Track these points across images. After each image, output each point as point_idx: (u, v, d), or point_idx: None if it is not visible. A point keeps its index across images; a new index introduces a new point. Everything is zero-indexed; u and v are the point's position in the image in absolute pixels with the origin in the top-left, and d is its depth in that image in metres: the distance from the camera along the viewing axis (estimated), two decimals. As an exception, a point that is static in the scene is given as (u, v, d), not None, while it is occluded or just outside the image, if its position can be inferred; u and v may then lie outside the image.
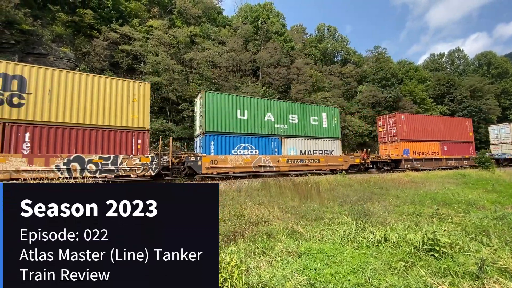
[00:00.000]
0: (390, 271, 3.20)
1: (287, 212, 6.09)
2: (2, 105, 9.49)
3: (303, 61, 37.89)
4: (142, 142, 11.96)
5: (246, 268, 3.24)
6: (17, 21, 20.43)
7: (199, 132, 14.84)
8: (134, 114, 11.91)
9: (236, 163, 14.17)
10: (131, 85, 12.02)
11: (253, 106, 15.45)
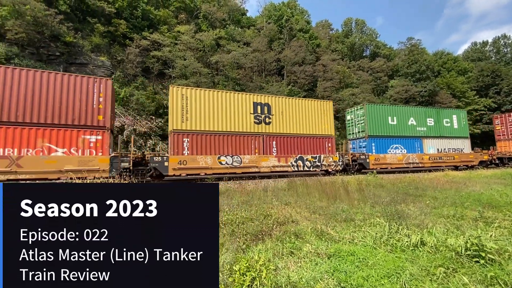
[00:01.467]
0: (428, 277, 3.01)
1: (315, 212, 5.98)
2: (261, 124, 15.07)
3: (330, 58, 36.91)
4: (331, 145, 16.43)
5: (275, 267, 3.25)
6: (61, 34, 22.47)
7: (361, 136, 18.58)
8: (326, 125, 16.61)
9: (392, 161, 17.83)
10: (319, 104, 16.78)
11: (399, 113, 19.13)
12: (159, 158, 12.53)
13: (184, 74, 26.19)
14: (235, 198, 7.85)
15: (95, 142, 11.34)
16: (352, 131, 19.85)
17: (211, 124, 13.81)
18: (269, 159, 14.67)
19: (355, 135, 19.33)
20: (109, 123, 11.71)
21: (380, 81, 40.99)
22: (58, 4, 23.13)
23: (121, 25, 26.14)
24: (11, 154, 9.93)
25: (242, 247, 3.91)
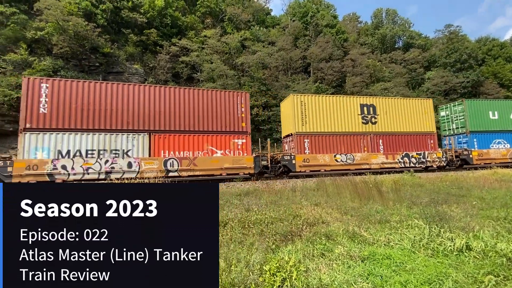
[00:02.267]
0: (475, 285, 2.75)
1: (346, 213, 5.78)
2: (367, 124, 16.42)
3: (358, 52, 35.42)
4: (433, 142, 17.30)
5: (305, 269, 3.20)
6: (100, 46, 24.34)
7: (461, 132, 18.96)
8: (427, 123, 17.44)
9: (495, 156, 17.97)
10: (420, 102, 17.80)
11: (500, 107, 19.16)
12: (288, 157, 14.71)
13: (212, 77, 26.89)
14: (263, 198, 7.88)
15: (241, 144, 14.00)
16: (448, 127, 20.20)
17: (326, 125, 15.74)
18: (378, 157, 16.03)
19: (453, 131, 19.65)
20: (249, 128, 14.43)
21: (415, 73, 38.40)
22: (96, 19, 25.09)
23: (152, 34, 27.59)
24: (189, 156, 12.94)
25: (272, 247, 3.91)
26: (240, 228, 4.81)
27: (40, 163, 10.90)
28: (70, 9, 23.13)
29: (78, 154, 11.57)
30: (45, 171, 10.90)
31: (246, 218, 5.31)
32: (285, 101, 17.60)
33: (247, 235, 4.45)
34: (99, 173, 11.66)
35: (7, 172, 10.75)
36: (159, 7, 28.29)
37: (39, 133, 11.15)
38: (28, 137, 11.00)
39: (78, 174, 11.35)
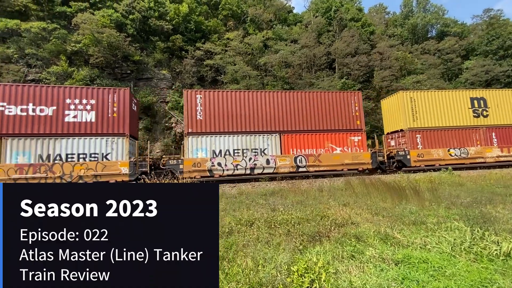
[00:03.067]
0: (529, 295, 2.48)
1: (377, 214, 5.53)
2: (479, 117, 16.59)
3: (387, 44, 33.71)
4: None
5: (335, 271, 3.11)
6: (130, 54, 25.78)
7: None
8: None
9: None
10: None
11: None
12: (402, 152, 15.68)
13: (235, 79, 27.23)
14: (288, 198, 7.81)
15: (357, 141, 15.14)
16: None
17: (436, 120, 16.21)
18: (493, 150, 16.22)
19: None
20: (364, 125, 15.50)
21: (451, 64, 35.63)
22: (126, 29, 26.61)
23: (178, 40, 28.62)
24: (313, 153, 14.55)
25: (299, 247, 3.86)
26: (266, 228, 4.81)
27: (202, 161, 13.45)
28: (103, 21, 24.79)
29: (227, 153, 13.85)
30: (206, 167, 13.41)
31: (272, 218, 5.30)
32: (388, 99, 18.38)
33: (274, 235, 4.44)
34: (245, 168, 13.81)
35: (179, 169, 13.22)
36: (184, 13, 29.26)
37: (198, 136, 13.72)
38: (191, 140, 13.63)
39: (230, 169, 13.67)
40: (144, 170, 13.69)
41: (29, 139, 11.68)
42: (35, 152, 11.66)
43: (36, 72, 23.06)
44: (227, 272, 3.13)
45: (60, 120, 12.18)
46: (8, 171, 11.16)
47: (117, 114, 12.85)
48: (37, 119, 11.91)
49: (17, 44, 23.23)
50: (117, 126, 12.71)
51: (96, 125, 12.48)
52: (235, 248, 3.90)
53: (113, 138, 12.54)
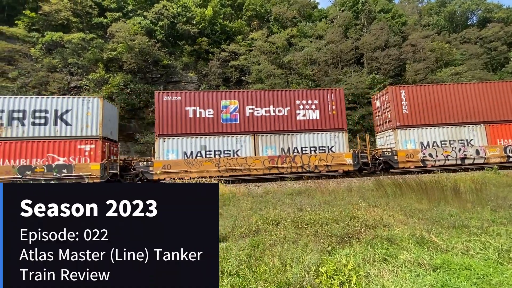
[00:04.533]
0: None
1: (412, 216, 5.22)
2: None
3: (420, 35, 31.61)
4: None
5: (366, 274, 2.99)
6: (160, 59, 27.02)
7: None
8: None
9: None
10: None
11: None
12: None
13: (260, 78, 27.31)
14: (316, 197, 7.66)
15: None
16: None
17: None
18: None
19: None
20: None
21: (495, 53, 32.44)
22: (156, 35, 27.92)
23: (204, 43, 29.41)
24: None
25: (327, 248, 3.77)
26: (293, 227, 4.76)
27: (414, 152, 14.23)
28: (135, 29, 26.26)
29: (435, 145, 14.48)
30: (418, 158, 14.16)
31: (299, 218, 5.24)
32: None
33: (301, 235, 4.38)
34: (456, 159, 14.27)
35: (394, 160, 14.17)
36: (209, 16, 29.97)
37: (406, 129, 14.59)
38: (399, 132, 14.64)
39: (440, 160, 14.21)
40: None
41: (273, 135, 14.13)
42: (279, 146, 14.01)
43: (78, 79, 25.10)
44: (255, 270, 3.15)
45: (293, 118, 14.30)
46: (264, 161, 13.65)
47: (336, 111, 14.45)
48: (277, 119, 14.27)
49: (61, 55, 25.46)
50: (337, 122, 14.30)
51: (320, 122, 14.29)
52: (262, 247, 3.91)
53: (335, 133, 14.18)
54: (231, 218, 5.61)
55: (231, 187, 10.38)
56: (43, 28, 27.00)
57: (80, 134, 13.04)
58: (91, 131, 13.13)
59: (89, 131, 13.12)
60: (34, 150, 12.60)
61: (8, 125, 12.62)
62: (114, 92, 23.82)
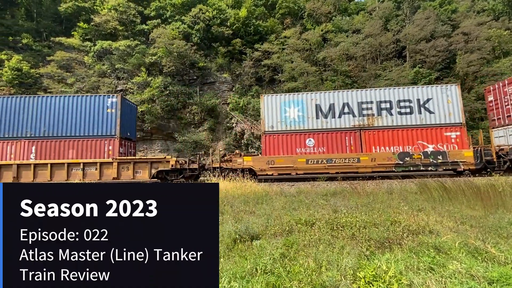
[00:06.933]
0: None
1: (463, 223, 4.74)
2: None
3: (473, 22, 28.38)
4: None
5: (409, 282, 2.80)
6: (196, 61, 28.16)
7: None
8: None
9: None
10: None
11: None
12: None
13: (293, 76, 26.96)
14: (352, 199, 7.36)
15: None
16: None
17: None
18: None
19: None
20: None
21: None
22: (192, 38, 29.15)
23: (237, 43, 29.94)
24: None
25: (366, 253, 3.60)
26: (328, 229, 4.64)
27: None
28: (173, 34, 27.71)
29: None
30: None
31: (334, 219, 5.08)
32: None
33: (337, 238, 4.25)
34: None
35: None
36: (243, 18, 30.39)
37: None
38: None
39: None
40: None
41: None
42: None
43: (123, 83, 27.32)
44: (289, 270, 3.14)
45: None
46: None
47: None
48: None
49: (109, 61, 27.93)
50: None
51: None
52: (296, 247, 3.87)
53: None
54: (264, 216, 5.64)
55: (264, 186, 10.45)
56: (94, 38, 29.88)
57: (443, 121, 13.56)
58: (454, 119, 13.54)
59: (452, 118, 13.57)
60: (405, 138, 13.59)
61: (378, 115, 14.02)
62: (155, 94, 25.45)
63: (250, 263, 3.27)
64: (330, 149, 13.88)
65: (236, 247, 4.02)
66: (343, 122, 14.17)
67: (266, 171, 13.87)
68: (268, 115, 14.60)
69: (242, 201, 7.52)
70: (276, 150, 14.21)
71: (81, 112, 14.43)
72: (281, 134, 14.30)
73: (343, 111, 14.28)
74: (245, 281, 2.90)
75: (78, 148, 14.08)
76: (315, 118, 14.30)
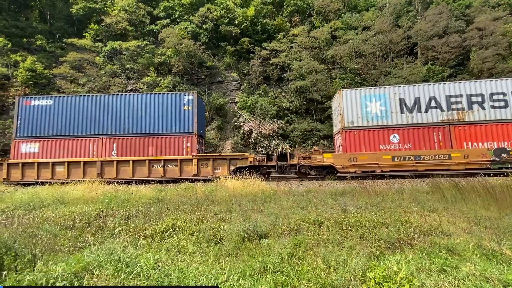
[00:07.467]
0: None
1: (477, 224, 4.62)
2: None
3: (489, 17, 27.44)
4: None
5: (420, 284, 2.74)
6: (204, 61, 28.31)
7: None
8: None
9: None
10: None
11: None
12: None
13: (301, 75, 26.75)
14: (361, 199, 7.26)
15: None
16: None
17: None
18: None
19: None
20: None
21: None
22: (200, 38, 29.31)
23: (245, 42, 29.92)
24: None
25: (375, 253, 3.55)
26: (337, 229, 4.60)
27: None
28: (182, 33, 27.93)
29: None
30: None
31: (343, 219, 5.03)
32: None
33: (346, 238, 4.21)
34: None
35: None
36: (251, 16, 30.34)
37: None
38: None
39: None
40: None
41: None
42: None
43: (133, 83, 27.74)
44: (297, 269, 3.13)
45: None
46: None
47: None
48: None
49: (119, 61, 28.40)
50: None
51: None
52: (304, 246, 3.86)
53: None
54: (272, 215, 5.64)
55: (271, 185, 10.43)
56: (105, 38, 30.43)
57: None
58: None
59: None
60: (499, 133, 13.00)
61: (469, 109, 13.42)
62: (164, 93, 25.72)
63: (258, 262, 3.27)
64: (417, 146, 13.36)
65: (244, 245, 4.03)
66: (430, 117, 13.55)
67: (348, 168, 13.44)
68: (347, 110, 14.12)
69: (250, 200, 7.53)
70: (358, 146, 13.76)
71: (159, 109, 14.77)
72: (362, 130, 13.87)
73: (430, 105, 13.65)
74: (254, 280, 2.90)
75: (157, 145, 14.36)
76: (399, 113, 13.77)
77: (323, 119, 26.43)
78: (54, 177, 13.89)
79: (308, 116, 26.83)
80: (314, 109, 26.93)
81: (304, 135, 24.78)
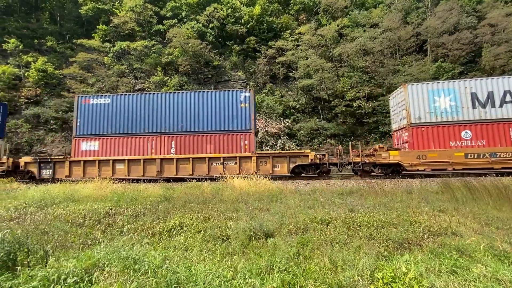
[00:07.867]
0: None
1: (489, 224, 4.51)
2: None
3: (501, 13, 26.69)
4: None
5: (430, 285, 2.70)
6: (210, 60, 28.43)
7: None
8: None
9: None
10: None
11: None
12: None
13: (308, 73, 26.59)
14: (369, 199, 7.18)
15: None
16: None
17: None
18: None
19: None
20: None
21: None
22: (207, 37, 29.42)
23: (251, 41, 29.90)
24: None
25: (383, 253, 3.51)
26: (344, 228, 4.56)
27: None
28: (188, 33, 28.09)
29: None
30: None
31: (350, 219, 4.99)
32: None
33: (353, 237, 4.17)
34: None
35: None
36: (257, 15, 30.29)
37: None
38: None
39: None
40: None
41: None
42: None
43: (141, 83, 28.06)
44: (304, 268, 3.12)
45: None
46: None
47: None
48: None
49: (127, 61, 28.76)
50: None
51: None
52: (311, 246, 3.84)
53: None
54: (278, 214, 5.63)
55: (278, 184, 10.41)
56: (113, 39, 30.85)
57: None
58: None
59: None
60: None
61: None
62: (171, 93, 25.95)
63: (265, 261, 3.27)
64: (491, 142, 12.67)
65: (251, 244, 4.04)
66: (506, 112, 12.77)
67: (417, 166, 12.90)
68: (414, 106, 13.52)
69: (257, 198, 7.53)
70: (426, 143, 13.18)
71: (216, 107, 14.75)
72: (431, 126, 13.25)
73: (505, 99, 12.90)
74: (261, 278, 2.91)
75: (215, 142, 14.34)
76: (471, 108, 13.02)
77: (330, 117, 26.23)
78: (114, 175, 13.88)
79: (315, 115, 26.67)
80: (321, 107, 26.74)
81: (311, 134, 24.66)
